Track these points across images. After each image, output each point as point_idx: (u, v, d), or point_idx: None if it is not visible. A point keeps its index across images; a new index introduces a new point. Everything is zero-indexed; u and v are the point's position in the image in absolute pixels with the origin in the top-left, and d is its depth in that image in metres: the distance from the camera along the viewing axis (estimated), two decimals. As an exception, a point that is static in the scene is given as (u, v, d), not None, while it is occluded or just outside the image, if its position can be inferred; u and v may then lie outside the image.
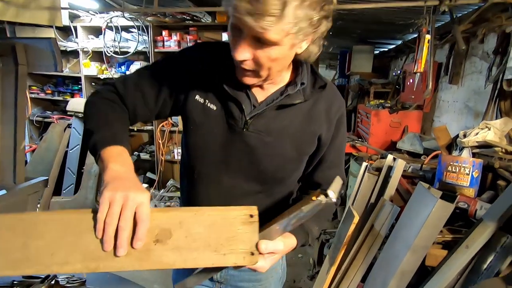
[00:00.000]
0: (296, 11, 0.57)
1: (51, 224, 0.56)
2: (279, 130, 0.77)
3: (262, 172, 0.80)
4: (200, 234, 0.60)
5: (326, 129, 0.81)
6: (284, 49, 0.63)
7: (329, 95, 0.80)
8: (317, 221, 0.81)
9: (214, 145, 0.79)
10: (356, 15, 2.98)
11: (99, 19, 3.59)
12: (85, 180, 3.43)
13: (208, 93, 0.77)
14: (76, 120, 3.67)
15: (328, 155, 0.84)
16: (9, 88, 1.13)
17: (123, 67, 3.83)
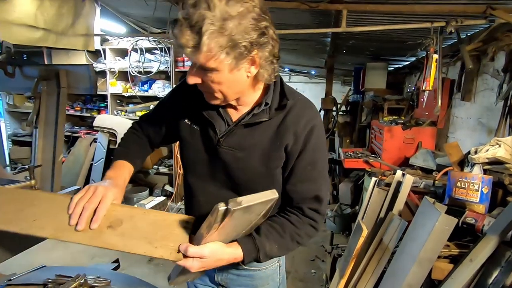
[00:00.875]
0: (216, 39, 0.64)
1: (43, 200, 0.82)
2: (249, 146, 0.86)
3: (238, 184, 0.90)
4: (142, 228, 0.78)
5: (293, 142, 0.85)
6: (223, 73, 0.72)
7: (298, 111, 0.86)
8: (273, 239, 0.83)
9: (200, 160, 0.92)
10: (368, 35, 3.08)
11: (125, 42, 3.89)
12: (108, 191, 3.63)
13: (193, 116, 0.91)
14: (101, 135, 3.92)
15: (298, 167, 0.87)
16: (51, 108, 1.30)
17: (146, 85, 4.09)
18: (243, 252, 0.80)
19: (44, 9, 2.42)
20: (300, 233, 0.87)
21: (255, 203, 0.70)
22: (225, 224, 0.70)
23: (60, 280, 1.15)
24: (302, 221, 0.88)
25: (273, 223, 0.87)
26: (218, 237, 0.76)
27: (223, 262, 0.80)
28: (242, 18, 0.66)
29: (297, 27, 2.69)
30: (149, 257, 2.96)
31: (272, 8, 2.56)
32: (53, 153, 1.27)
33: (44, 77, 1.27)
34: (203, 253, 0.74)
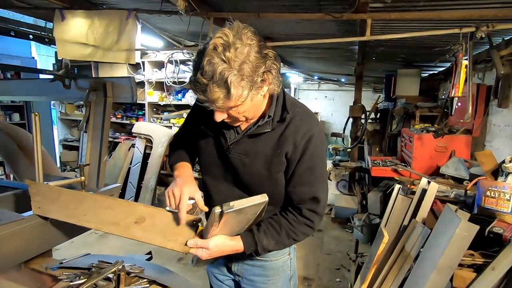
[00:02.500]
0: (241, 85, 0.76)
1: (90, 200, 1.04)
2: (254, 153, 0.97)
3: (245, 185, 1.02)
4: (159, 225, 0.96)
5: (292, 150, 0.95)
6: (247, 104, 0.83)
7: (297, 122, 0.96)
8: (271, 236, 0.95)
9: (213, 164, 1.05)
10: (397, 41, 3.04)
11: (162, 55, 4.20)
12: (143, 193, 3.89)
13: (209, 125, 1.02)
14: (139, 140, 4.23)
15: (297, 172, 0.96)
16: (98, 115, 1.49)
17: (179, 94, 4.36)
18: (243, 245, 0.94)
19: (94, 28, 2.74)
20: (295, 231, 0.98)
21: (245, 206, 0.83)
22: (223, 223, 0.84)
23: (102, 265, 1.30)
24: (298, 221, 0.98)
25: (272, 221, 0.99)
26: (221, 232, 0.91)
27: (227, 252, 0.94)
28: (250, 57, 0.77)
29: (324, 36, 2.75)
30: (179, 256, 3.12)
31: (299, 20, 2.65)
32: (99, 154, 1.45)
33: (94, 88, 1.46)
34: (208, 245, 0.90)
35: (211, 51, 0.75)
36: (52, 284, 1.35)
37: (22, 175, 1.63)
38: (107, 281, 1.21)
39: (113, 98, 1.51)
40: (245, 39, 0.77)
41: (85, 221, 1.01)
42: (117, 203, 1.03)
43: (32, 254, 1.12)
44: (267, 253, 1.09)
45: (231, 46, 0.74)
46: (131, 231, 0.95)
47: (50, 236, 1.13)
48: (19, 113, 5.02)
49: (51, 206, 1.09)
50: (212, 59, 0.74)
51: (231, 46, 0.75)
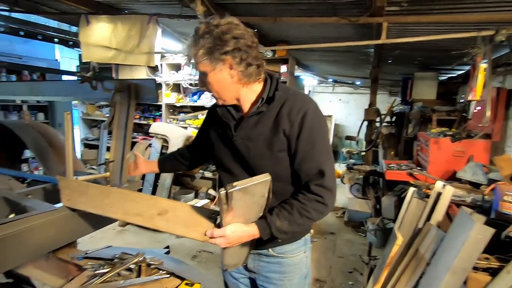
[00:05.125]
0: (205, 49, 0.94)
1: (115, 193, 1.14)
2: (256, 136, 1.04)
3: (251, 169, 1.06)
4: (181, 216, 1.02)
5: (289, 126, 1.01)
6: (212, 77, 0.98)
7: (291, 102, 1.03)
8: (283, 217, 0.98)
9: (223, 156, 1.13)
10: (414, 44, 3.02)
11: (179, 58, 4.32)
12: (159, 191, 4.00)
13: (217, 122, 1.14)
14: (156, 140, 4.35)
15: (299, 149, 1.00)
16: (123, 115, 1.57)
17: (195, 96, 4.47)
18: (258, 228, 0.97)
19: (117, 32, 2.87)
20: (307, 208, 0.99)
21: (249, 185, 0.88)
22: (233, 205, 0.89)
23: (124, 256, 1.38)
24: (308, 198, 1.00)
25: (283, 204, 1.02)
26: (235, 218, 0.94)
27: (245, 239, 0.97)
28: (212, 35, 0.94)
29: (339, 39, 2.76)
30: (193, 254, 3.19)
31: (315, 23, 2.69)
32: (122, 152, 1.53)
33: (119, 89, 1.54)
34: (225, 233, 0.93)
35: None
36: (78, 273, 1.43)
37: (51, 170, 1.74)
38: (129, 271, 1.29)
39: (137, 99, 1.59)
40: (223, 23, 0.94)
41: (112, 212, 1.09)
42: (140, 197, 1.10)
43: (62, 243, 1.21)
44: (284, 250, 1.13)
45: (210, 30, 0.94)
46: (154, 222, 1.02)
47: (78, 227, 1.21)
48: (43, 113, 5.27)
49: (80, 199, 1.18)
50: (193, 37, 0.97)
51: (210, 30, 0.94)
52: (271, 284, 1.17)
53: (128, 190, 1.12)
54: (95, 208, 1.11)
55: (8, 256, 1.01)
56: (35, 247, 1.09)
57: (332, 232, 3.90)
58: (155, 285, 1.13)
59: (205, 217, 1.01)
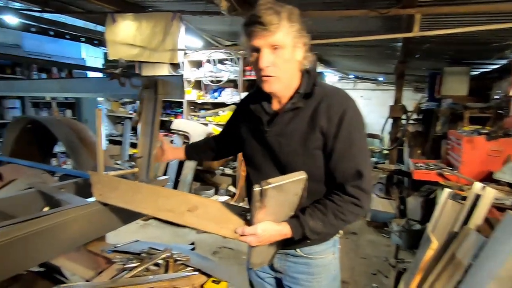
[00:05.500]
0: (287, 20, 0.88)
1: (145, 189, 1.15)
2: (290, 132, 1.00)
3: (283, 166, 1.02)
4: (212, 213, 1.00)
5: (327, 124, 0.96)
6: (285, 52, 0.91)
7: (329, 99, 0.98)
8: (317, 217, 0.94)
9: (254, 152, 1.09)
10: (446, 37, 2.86)
11: (201, 55, 4.34)
12: (181, 187, 4.05)
13: (248, 116, 1.10)
14: (177, 137, 4.40)
15: (336, 148, 0.96)
16: (150, 111, 1.58)
17: (216, 93, 4.48)
18: (290, 228, 0.93)
19: (142, 30, 2.91)
20: (342, 210, 0.95)
21: (284, 182, 0.84)
22: (266, 203, 0.85)
23: (152, 251, 1.40)
24: (343, 199, 0.96)
25: (317, 204, 0.98)
26: (267, 216, 0.91)
27: (276, 238, 0.94)
28: (293, 10, 0.92)
29: (365, 33, 2.66)
30: (213, 250, 3.22)
31: (340, 17, 2.60)
32: (149, 148, 1.55)
33: (146, 85, 1.55)
34: (256, 231, 0.90)
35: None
36: (107, 266, 1.47)
37: (81, 165, 1.79)
38: (156, 266, 1.30)
39: (164, 95, 1.59)
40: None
41: (142, 208, 1.09)
42: (171, 193, 1.10)
43: (94, 236, 1.23)
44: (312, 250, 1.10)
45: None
46: (186, 218, 1.01)
47: (109, 221, 1.23)
48: (71, 110, 5.49)
49: (111, 194, 1.19)
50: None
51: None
52: (298, 285, 1.13)
53: (158, 186, 1.12)
54: (126, 203, 1.13)
55: (44, 248, 1.03)
56: (70, 240, 1.11)
57: (354, 232, 3.81)
58: (184, 281, 1.13)
59: (236, 214, 0.99)
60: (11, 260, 0.95)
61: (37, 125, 2.03)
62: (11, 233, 0.92)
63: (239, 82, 4.13)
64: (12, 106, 4.56)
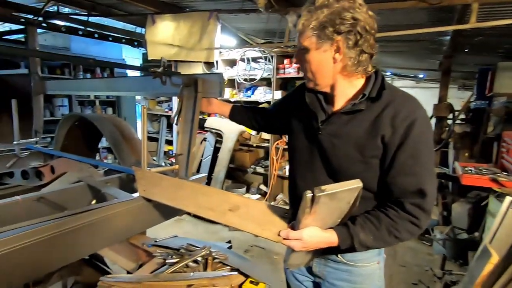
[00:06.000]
0: (308, 22, 0.87)
1: (189, 187, 1.14)
2: (345, 134, 0.94)
3: (334, 170, 0.97)
4: (254, 214, 0.98)
5: (390, 133, 0.88)
6: (313, 55, 0.90)
7: (397, 104, 0.90)
8: (368, 230, 0.88)
9: (301, 148, 1.05)
10: (503, 29, 2.59)
11: (235, 53, 4.36)
12: (213, 184, 4.12)
13: (301, 108, 1.06)
14: (210, 135, 4.48)
15: (398, 160, 0.87)
16: (189, 109, 1.60)
17: (249, 91, 4.48)
18: (338, 237, 0.88)
19: (180, 29, 2.98)
20: (397, 227, 0.88)
21: (338, 191, 0.78)
22: (316, 209, 0.80)
23: (190, 248, 1.41)
24: (400, 216, 0.88)
25: (369, 215, 0.91)
26: (314, 222, 0.87)
27: (322, 245, 0.90)
28: (330, 9, 0.85)
29: (409, 27, 2.49)
30: (245, 248, 3.22)
31: (382, 10, 2.45)
32: (188, 145, 1.56)
33: (186, 84, 1.57)
34: (301, 236, 0.86)
35: None
36: (147, 259, 1.51)
37: (124, 160, 1.86)
38: (195, 263, 1.30)
39: (203, 93, 1.60)
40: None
41: (184, 205, 1.10)
42: (212, 191, 1.09)
43: (138, 230, 1.27)
44: (355, 258, 1.03)
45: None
46: (227, 217, 1.00)
47: (152, 216, 1.26)
48: (112, 108, 5.81)
49: (154, 190, 1.22)
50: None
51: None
52: None
53: (200, 185, 1.12)
54: (169, 199, 1.14)
55: (92, 241, 1.08)
56: (116, 234, 1.16)
57: (392, 238, 3.61)
58: (223, 280, 1.12)
59: (278, 216, 0.96)
60: (62, 250, 1.00)
61: (84, 122, 2.16)
62: (63, 226, 0.97)
63: (273, 81, 4.08)
64: (61, 104, 4.93)
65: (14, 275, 0.86)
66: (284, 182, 4.36)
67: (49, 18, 3.00)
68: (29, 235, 0.88)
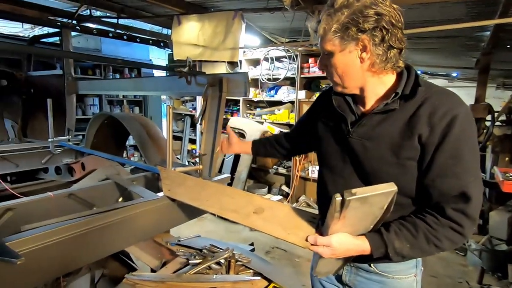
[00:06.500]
0: (328, 25, 0.82)
1: (213, 187, 1.13)
2: (378, 135, 0.88)
3: (367, 173, 0.91)
4: (279, 217, 0.94)
5: (428, 133, 0.81)
6: (338, 58, 0.85)
7: (434, 101, 0.82)
8: (404, 238, 0.81)
9: (331, 153, 1.00)
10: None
11: (258, 53, 4.34)
12: (235, 184, 4.12)
13: (328, 114, 1.01)
14: (233, 134, 4.48)
15: (437, 161, 0.80)
16: (214, 108, 1.59)
17: (272, 91, 4.44)
18: (370, 245, 0.82)
19: (205, 30, 3.00)
20: (438, 236, 0.80)
21: (371, 194, 0.72)
22: (346, 214, 0.75)
23: (213, 249, 1.40)
24: (440, 223, 0.81)
25: (404, 222, 0.84)
26: (343, 228, 0.81)
27: (352, 253, 0.84)
28: (351, 9, 0.80)
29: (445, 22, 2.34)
30: (267, 250, 3.19)
31: (417, 5, 2.32)
32: (212, 145, 1.55)
33: (211, 83, 1.56)
34: (330, 242, 0.81)
35: None
36: (170, 257, 1.52)
37: (149, 158, 1.89)
38: (218, 265, 1.29)
39: (228, 93, 1.58)
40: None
41: (208, 205, 1.09)
42: (236, 192, 1.07)
43: (163, 229, 1.28)
44: (390, 268, 0.97)
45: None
46: (251, 220, 0.97)
47: (176, 216, 1.27)
48: (139, 107, 6.01)
49: (178, 189, 1.22)
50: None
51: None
52: None
53: (224, 185, 1.11)
54: (193, 200, 1.13)
55: (119, 239, 1.10)
56: (141, 232, 1.17)
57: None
58: (246, 285, 1.10)
59: (305, 220, 0.91)
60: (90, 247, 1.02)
61: (112, 121, 2.22)
62: (92, 223, 0.99)
63: (297, 80, 4.02)
64: (92, 104, 5.16)
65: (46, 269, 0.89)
66: (307, 183, 4.28)
67: (82, 21, 3.13)
68: (60, 231, 0.90)
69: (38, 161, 2.20)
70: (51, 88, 2.61)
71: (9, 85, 2.81)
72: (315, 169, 4.00)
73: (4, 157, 2.04)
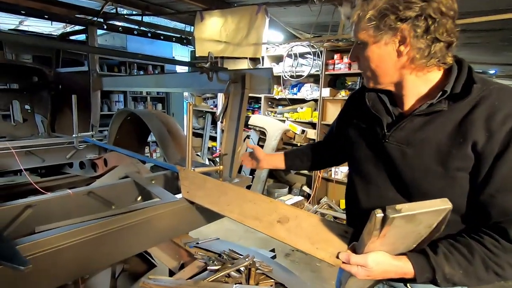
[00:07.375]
0: (363, 11, 0.73)
1: (234, 191, 1.05)
2: (420, 141, 0.76)
3: (405, 184, 0.80)
4: (306, 229, 0.85)
5: (485, 140, 0.69)
6: (372, 50, 0.75)
7: (493, 101, 0.70)
8: (456, 262, 0.70)
9: (364, 158, 0.89)
10: None
11: (281, 49, 4.22)
12: (255, 183, 4.06)
13: (360, 116, 0.92)
14: (253, 132, 4.41)
15: (497, 173, 0.68)
16: (236, 106, 1.51)
17: (295, 88, 4.32)
18: (413, 268, 0.71)
19: (227, 25, 2.94)
20: (499, 262, 0.69)
21: (419, 212, 0.61)
22: (386, 232, 0.65)
23: (233, 255, 1.33)
24: (503, 247, 0.69)
25: (456, 243, 0.72)
26: (381, 246, 0.71)
27: (391, 275, 0.74)
28: None
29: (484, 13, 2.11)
30: (286, 252, 3.10)
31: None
32: (233, 144, 1.48)
33: (234, 80, 1.49)
34: (366, 262, 0.72)
35: None
36: (188, 259, 1.47)
37: (169, 157, 1.86)
38: (238, 273, 1.22)
39: (251, 90, 1.50)
40: None
41: (229, 211, 1.02)
42: (259, 198, 0.99)
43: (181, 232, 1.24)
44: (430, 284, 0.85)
45: None
46: (275, 230, 0.89)
47: (195, 219, 1.22)
48: (161, 104, 6.09)
49: (198, 192, 1.16)
50: None
51: None
52: None
53: (246, 190, 1.03)
54: (212, 204, 1.07)
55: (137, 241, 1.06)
56: (159, 235, 1.13)
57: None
58: (267, 297, 1.01)
59: (336, 234, 0.82)
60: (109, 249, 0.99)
61: (135, 117, 2.22)
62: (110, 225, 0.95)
63: (321, 77, 3.86)
64: (117, 100, 5.28)
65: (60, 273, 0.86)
66: (329, 184, 4.12)
67: (109, 19, 3.18)
68: (75, 233, 0.87)
69: (63, 156, 2.24)
70: (78, 84, 2.67)
71: (39, 82, 2.90)
72: (339, 170, 3.84)
73: (31, 151, 2.10)
